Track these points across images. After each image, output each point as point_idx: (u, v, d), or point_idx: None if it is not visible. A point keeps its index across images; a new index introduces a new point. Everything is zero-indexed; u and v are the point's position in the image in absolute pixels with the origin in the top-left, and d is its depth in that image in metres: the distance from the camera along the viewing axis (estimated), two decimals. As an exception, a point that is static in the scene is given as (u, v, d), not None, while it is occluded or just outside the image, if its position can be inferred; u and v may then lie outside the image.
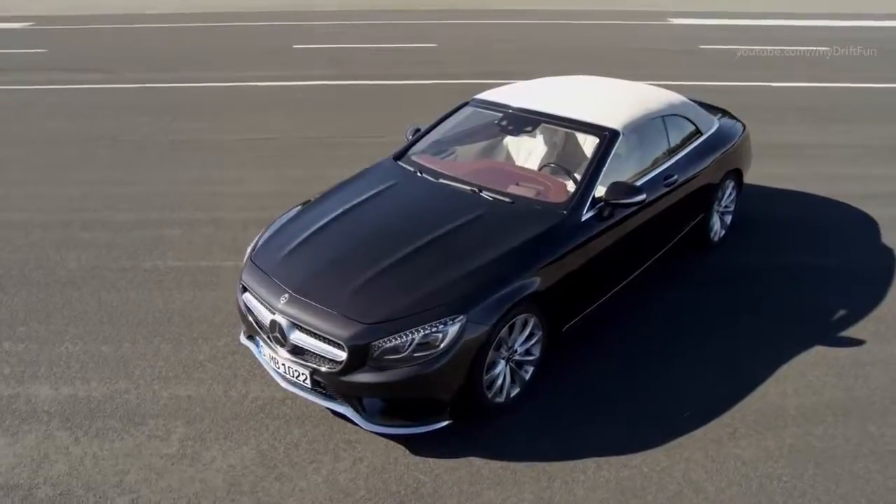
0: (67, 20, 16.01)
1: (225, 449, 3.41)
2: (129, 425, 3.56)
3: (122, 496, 3.13)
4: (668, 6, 18.52)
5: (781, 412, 3.69)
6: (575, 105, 4.52)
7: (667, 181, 4.44)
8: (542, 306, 3.61)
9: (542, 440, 3.47)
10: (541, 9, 18.11)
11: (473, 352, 3.27)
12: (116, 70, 11.31)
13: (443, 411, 3.35)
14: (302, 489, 3.17)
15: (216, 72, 11.31)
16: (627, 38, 14.40)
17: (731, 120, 5.70)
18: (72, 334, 4.32)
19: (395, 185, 4.25)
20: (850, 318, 4.53)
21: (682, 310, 4.61)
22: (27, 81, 10.58)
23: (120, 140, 7.96)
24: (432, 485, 3.20)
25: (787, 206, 6.22)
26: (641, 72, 11.00)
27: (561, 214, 3.81)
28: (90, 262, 5.18)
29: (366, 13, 17.33)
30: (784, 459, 3.37)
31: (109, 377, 3.93)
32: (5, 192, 6.46)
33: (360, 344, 3.18)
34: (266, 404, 3.71)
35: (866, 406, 3.74)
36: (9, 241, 5.51)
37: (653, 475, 3.27)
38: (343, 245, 3.70)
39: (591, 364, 4.05)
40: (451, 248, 3.59)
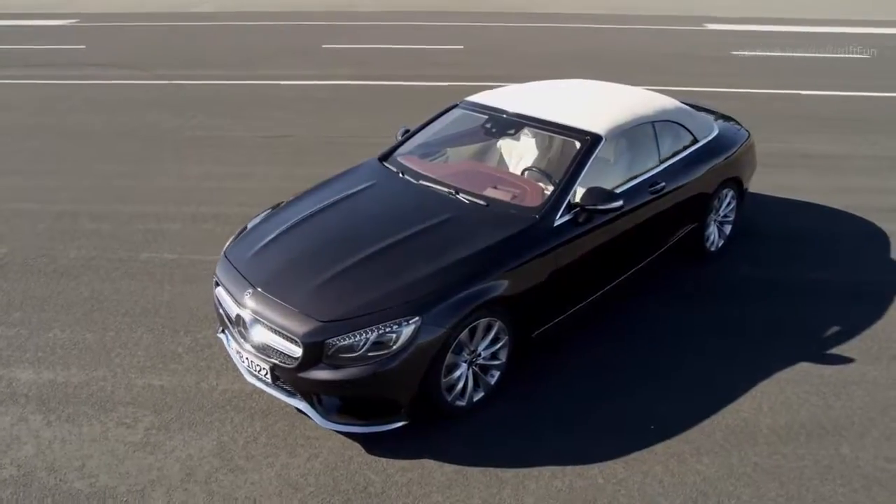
0: (111, 17, 16.52)
1: (187, 439, 3.48)
2: (101, 412, 3.66)
3: (81, 480, 3.22)
4: (705, 11, 18.16)
5: (752, 430, 3.58)
6: (562, 109, 4.47)
7: (652, 188, 4.36)
8: (509, 311, 3.58)
9: (500, 446, 3.45)
10: (575, 12, 17.94)
11: (430, 353, 3.26)
12: (149, 67, 11.63)
13: (398, 412, 3.36)
14: (253, 482, 3.22)
15: (245, 70, 11.52)
16: (659, 42, 14.17)
17: (734, 127, 5.55)
18: (61, 321, 4.46)
19: (374, 185, 4.28)
20: (842, 335, 4.37)
21: (666, 321, 4.51)
22: (63, 76, 10.95)
23: (140, 134, 8.18)
24: (382, 484, 3.21)
25: (795, 218, 6.04)
26: (666, 77, 10.83)
27: (532, 218, 3.78)
28: (90, 252, 5.35)
29: (398, 14, 17.44)
30: (747, 478, 3.28)
31: (89, 364, 4.04)
32: (23, 182, 6.71)
33: (314, 341, 3.21)
34: (234, 397, 3.77)
35: (844, 427, 3.61)
36: (19, 229, 5.72)
37: (607, 487, 3.21)
38: (312, 243, 3.74)
39: (561, 372, 3.99)
40: (416, 250, 3.59)
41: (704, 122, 5.11)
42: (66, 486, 3.18)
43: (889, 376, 4.00)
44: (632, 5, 19.29)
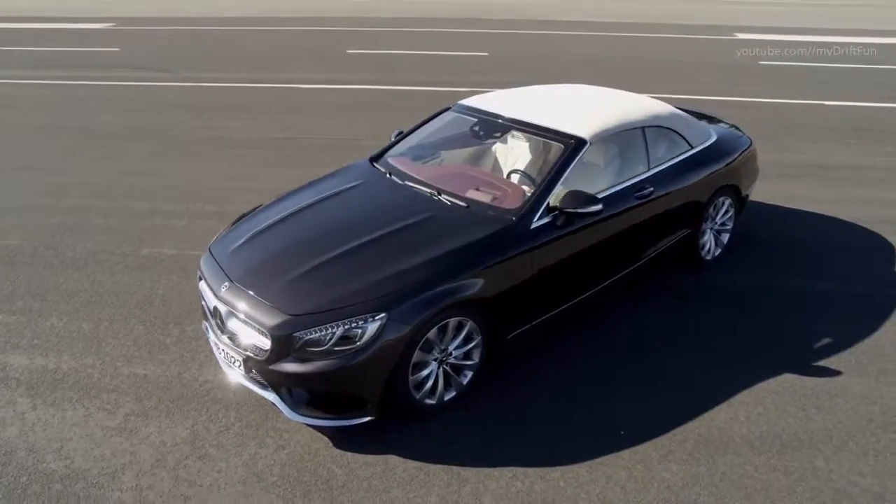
0: (146, 21, 17.01)
1: (162, 426, 3.57)
2: (85, 397, 3.79)
3: (57, 461, 3.34)
4: (737, 20, 17.92)
5: (725, 439, 3.53)
6: (551, 113, 4.48)
7: (639, 193, 4.34)
8: (482, 312, 3.60)
9: (467, 445, 3.46)
10: (604, 21, 17.89)
11: (396, 350, 3.30)
12: (175, 69, 11.94)
13: (365, 407, 3.40)
14: (220, 470, 3.29)
15: (267, 73, 11.76)
16: (687, 51, 14.04)
17: (735, 134, 5.48)
18: (60, 311, 4.62)
19: (360, 185, 4.34)
20: (832, 348, 4.28)
21: (652, 327, 4.48)
22: (93, 77, 11.32)
23: (158, 134, 8.41)
24: (344, 478, 3.26)
25: (800, 228, 5.93)
26: (688, 86, 10.74)
27: (509, 220, 3.79)
28: (96, 246, 5.52)
29: (427, 21, 17.60)
30: (713, 487, 3.24)
31: (81, 352, 4.18)
32: (41, 178, 6.96)
33: (282, 334, 3.27)
34: (213, 388, 3.86)
35: (821, 440, 3.54)
36: (32, 222, 5.93)
37: (567, 490, 3.21)
38: (291, 239, 3.82)
39: (538, 375, 3.99)
40: (390, 248, 3.64)
41: (700, 128, 5.07)
42: (43, 467, 3.30)
43: (875, 390, 3.90)
44: (663, 14, 19.14)
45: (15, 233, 5.74)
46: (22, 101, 10.03)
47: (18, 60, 12.62)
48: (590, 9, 20.24)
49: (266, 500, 3.13)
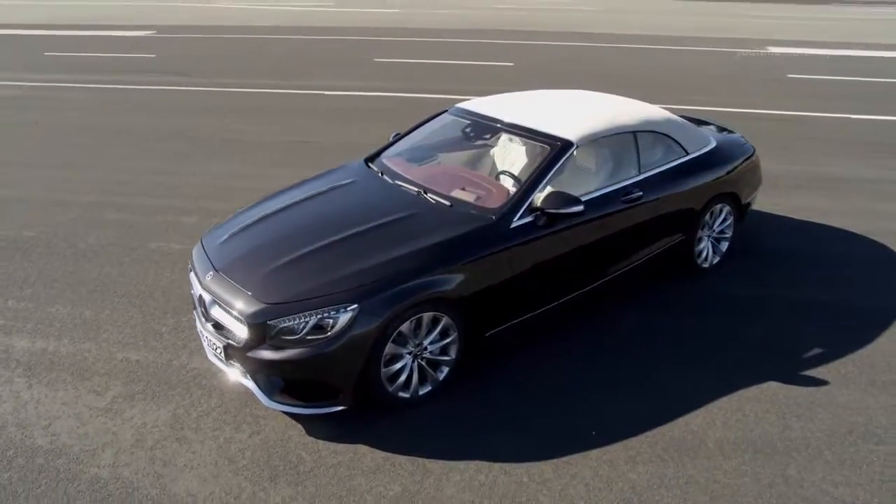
0: (184, 30, 17.55)
1: (146, 409, 3.70)
2: (78, 380, 3.95)
3: (44, 437, 3.49)
4: (771, 34, 17.66)
5: (697, 443, 3.51)
6: (542, 116, 4.53)
7: (627, 197, 4.34)
8: (458, 308, 3.65)
9: (437, 438, 3.51)
10: (635, 33, 17.80)
11: (368, 341, 3.37)
12: (206, 74, 12.30)
13: (337, 396, 3.48)
14: (194, 452, 3.40)
15: (296, 80, 12.03)
16: (714, 63, 13.90)
17: (737, 142, 5.44)
18: (66, 299, 4.81)
19: (351, 183, 4.45)
20: (822, 357, 4.21)
21: (639, 331, 4.47)
22: (128, 81, 11.73)
23: (181, 136, 8.68)
24: (312, 464, 3.33)
25: (804, 239, 5.84)
26: (714, 98, 10.68)
27: (489, 219, 3.85)
28: (107, 239, 5.74)
29: (457, 32, 17.76)
30: (678, 490, 3.22)
31: (80, 337, 4.36)
32: (66, 175, 7.25)
33: (258, 322, 3.38)
34: (199, 375, 3.98)
35: (797, 448, 3.49)
36: (52, 216, 6.19)
37: (530, 486, 3.23)
38: (276, 233, 3.94)
39: (518, 373, 4.02)
40: (370, 242, 3.72)
41: (698, 135, 5.04)
42: (30, 442, 3.45)
43: (860, 401, 3.83)
44: (696, 28, 18.98)
45: (35, 224, 6.00)
46: (59, 102, 10.45)
47: (62, 65, 13.14)
48: (624, 22, 20.16)
49: (234, 482, 3.22)
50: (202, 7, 22.51)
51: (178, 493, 3.16)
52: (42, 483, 3.20)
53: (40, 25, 18.02)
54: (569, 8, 23.25)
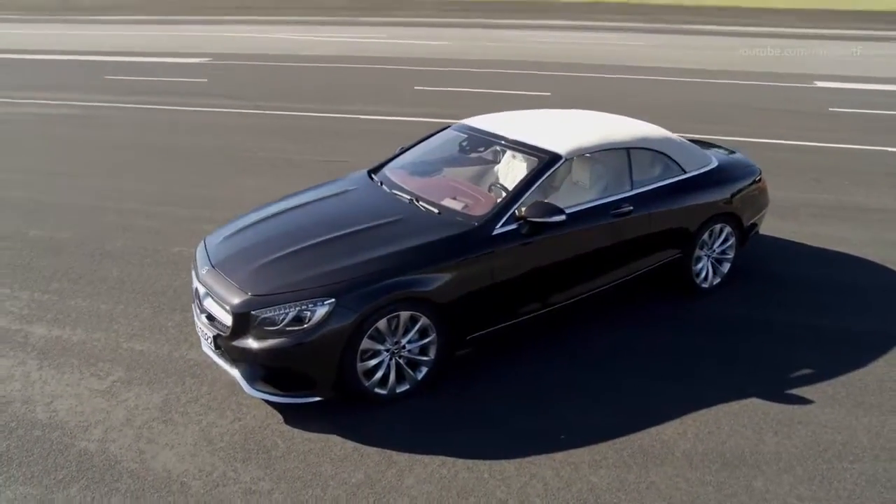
0: (238, 57, 18.41)
1: (140, 393, 3.94)
2: (84, 364, 4.22)
3: (45, 413, 3.75)
4: (818, 69, 17.39)
5: (666, 452, 3.52)
6: (537, 132, 4.66)
7: (617, 211, 4.42)
8: (437, 309, 3.78)
9: (408, 433, 3.62)
10: (682, 67, 17.75)
11: (343, 335, 3.53)
12: (251, 98, 12.89)
13: (313, 387, 3.63)
14: (178, 433, 3.60)
15: (335, 104, 12.48)
16: (757, 97, 13.77)
17: (743, 165, 5.45)
18: (86, 293, 5.15)
19: (349, 191, 4.66)
20: (812, 378, 4.16)
21: (623, 346, 4.49)
22: (177, 103, 12.40)
23: (218, 154, 9.14)
24: (284, 450, 3.49)
25: (815, 265, 5.76)
26: (751, 129, 10.60)
27: (472, 225, 3.98)
28: (134, 242, 6.10)
29: (501, 63, 18.06)
30: (636, 493, 3.24)
31: (93, 328, 4.65)
32: (107, 185, 7.73)
33: (242, 312, 3.58)
34: (195, 366, 4.21)
35: (767, 462, 3.46)
36: (88, 220, 6.62)
37: (490, 482, 3.30)
38: (271, 233, 4.16)
39: (497, 376, 4.11)
40: (355, 243, 3.90)
41: (697, 154, 5.08)
42: (31, 416, 3.72)
43: (843, 421, 3.76)
44: (741, 62, 18.83)
45: (71, 228, 6.42)
46: (111, 121, 11.12)
47: (119, 87, 13.97)
48: (669, 57, 20.16)
49: (209, 462, 3.40)
50: (259, 38, 23.54)
51: (156, 468, 3.35)
52: (35, 452, 3.45)
53: (105, 52, 19.18)
54: (614, 43, 23.39)
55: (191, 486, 3.24)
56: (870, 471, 3.41)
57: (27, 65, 17.01)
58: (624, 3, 41.45)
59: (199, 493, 3.20)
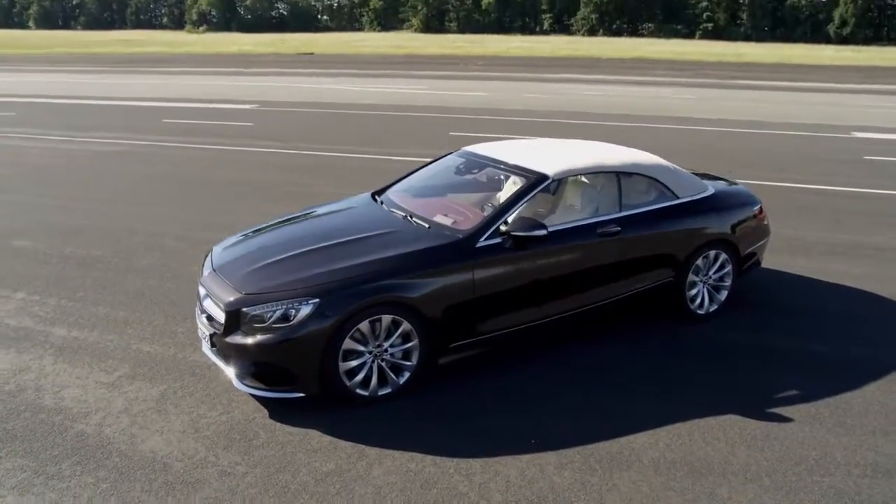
0: (286, 105, 19.31)
1: (141, 387, 4.20)
2: (95, 361, 4.52)
3: (52, 400, 4.04)
4: (859, 121, 17.22)
5: (634, 458, 3.57)
6: (531, 156, 4.88)
7: (603, 231, 4.55)
8: (419, 315, 3.95)
9: (384, 430, 3.77)
10: (726, 118, 17.79)
11: (326, 333, 3.73)
12: (291, 140, 13.52)
13: (296, 382, 3.83)
14: (169, 421, 3.84)
15: (370, 147, 12.97)
16: (793, 145, 13.71)
17: (742, 195, 5.53)
18: (107, 302, 5.50)
19: (350, 208, 4.95)
20: (794, 399, 4.15)
21: (609, 363, 4.57)
22: (221, 143, 13.10)
23: (248, 187, 9.62)
24: (264, 439, 3.67)
25: (820, 297, 5.74)
26: (782, 175, 10.60)
27: (457, 237, 4.18)
28: (159, 260, 6.49)
29: (538, 112, 18.46)
30: (596, 494, 3.29)
31: (108, 331, 4.98)
32: (143, 211, 8.24)
33: (234, 309, 3.83)
34: (195, 366, 4.46)
35: (735, 472, 3.47)
36: (119, 241, 7.07)
37: (454, 476, 3.40)
38: (270, 241, 4.45)
39: (478, 385, 4.24)
40: (345, 251, 4.14)
41: (691, 182, 5.19)
42: (39, 402, 4.02)
43: (820, 438, 3.75)
44: (784, 114, 18.77)
45: (104, 247, 6.87)
46: (160, 157, 11.83)
47: (172, 129, 14.84)
48: (717, 109, 20.24)
49: (193, 447, 3.61)
50: (305, 88, 24.64)
51: (143, 450, 3.58)
52: (37, 431, 3.72)
53: (166, 99, 20.39)
54: (660, 96, 23.61)
55: (172, 466, 3.45)
56: (840, 485, 3.38)
57: (96, 109, 18.21)
58: (673, 60, 41.88)
59: (178, 472, 3.40)
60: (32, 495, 3.23)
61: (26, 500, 3.20)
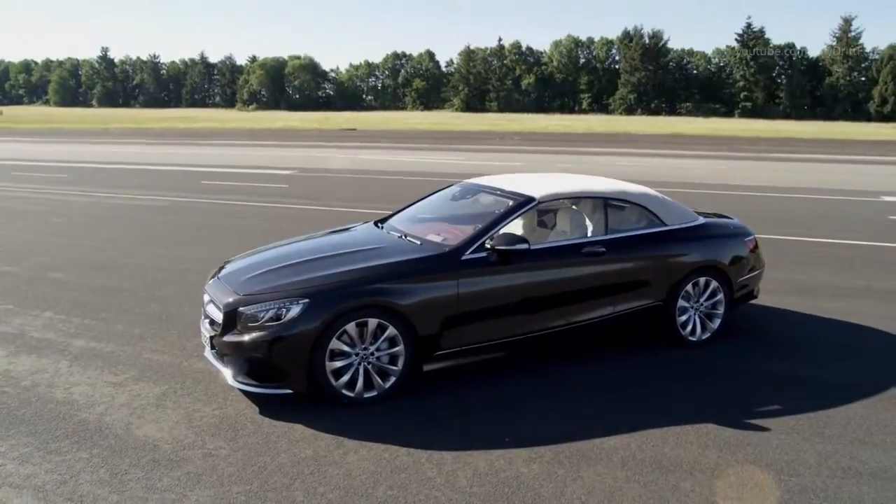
0: (323, 171, 20.19)
1: (144, 387, 4.47)
2: (107, 366, 4.83)
3: (62, 394, 4.34)
4: (889, 187, 17.13)
5: (603, 454, 3.65)
6: (524, 183, 5.17)
7: (588, 250, 4.75)
8: (403, 320, 4.17)
9: (366, 425, 3.94)
10: (749, 185, 17.94)
11: (314, 332, 3.97)
12: (320, 198, 14.13)
13: (284, 378, 4.05)
14: (166, 414, 4.08)
15: (396, 204, 13.45)
16: (819, 207, 13.73)
17: (732, 225, 5.69)
18: (127, 321, 5.86)
19: (351, 229, 5.27)
20: (775, 412, 4.20)
21: (593, 378, 4.67)
22: (253, 200, 13.77)
23: (270, 235, 10.07)
24: (251, 429, 3.88)
25: (817, 329, 5.80)
26: (802, 231, 10.64)
27: (443, 250, 4.44)
28: (181, 291, 6.88)
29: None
30: (561, 484, 3.39)
31: (123, 343, 5.31)
32: (175, 253, 8.74)
33: (231, 309, 4.12)
34: (198, 372, 4.72)
35: (703, 469, 3.52)
36: (148, 276, 7.51)
37: (425, 465, 3.54)
38: (272, 255, 4.78)
39: (466, 387, 4.42)
40: (338, 260, 4.44)
41: (680, 211, 5.38)
42: (50, 395, 4.32)
43: (795, 445, 3.77)
44: (814, 180, 18.80)
45: (132, 279, 7.32)
46: (194, 211, 12.50)
47: (211, 189, 15.67)
48: (747, 177, 20.40)
49: (183, 434, 3.83)
50: (343, 157, 25.69)
51: (137, 435, 3.82)
52: (44, 416, 4.01)
53: (207, 165, 21.53)
54: (689, 166, 23.89)
55: (161, 448, 3.67)
56: (808, 484, 3.40)
57: (140, 172, 19.34)
58: (708, 136, 42.29)
59: (165, 452, 3.62)
60: (31, 464, 3.48)
61: (24, 468, 3.45)
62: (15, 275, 7.44)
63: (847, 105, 79.28)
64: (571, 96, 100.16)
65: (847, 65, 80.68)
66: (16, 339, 5.38)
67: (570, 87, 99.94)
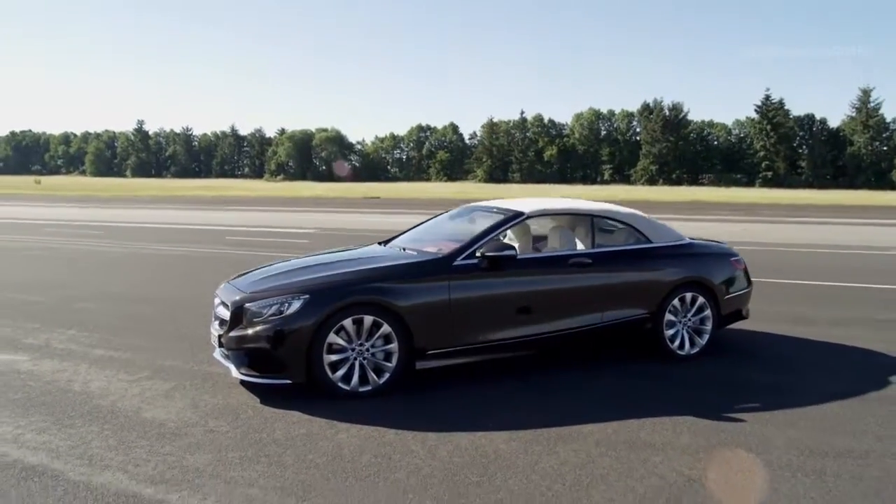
0: (343, 230, 20.81)
1: (156, 383, 4.79)
2: (123, 369, 5.16)
3: (80, 386, 4.70)
4: None
5: (580, 437, 3.85)
6: (517, 202, 5.54)
7: (574, 261, 5.04)
8: (397, 319, 4.47)
9: (360, 411, 4.18)
10: (765, 241, 18.12)
11: (313, 326, 4.29)
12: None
13: (283, 370, 4.34)
14: (173, 402, 4.39)
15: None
16: (827, 259, 13.85)
17: (718, 246, 5.96)
18: (146, 338, 6.22)
19: (358, 247, 5.64)
20: (751, 408, 4.37)
21: (580, 383, 4.88)
22: (279, 252, 14.28)
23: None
24: (250, 413, 4.16)
25: (814, 352, 5.92)
26: (794, 275, 10.77)
27: (436, 256, 4.77)
28: (197, 318, 7.20)
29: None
30: (535, 456, 3.60)
31: (140, 353, 5.65)
32: (199, 290, 9.16)
33: (237, 306, 4.46)
34: (207, 373, 5.03)
35: (675, 447, 3.73)
36: (170, 307, 7.92)
37: (410, 441, 3.77)
38: (281, 268, 5.14)
39: (450, 387, 4.65)
40: (339, 266, 4.82)
41: (665, 231, 5.67)
42: (69, 388, 4.67)
43: (767, 433, 3.95)
44: (827, 238, 18.89)
45: (155, 307, 7.74)
46: (217, 259, 13.02)
47: (232, 242, 16.30)
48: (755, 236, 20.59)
49: (188, 416, 4.12)
50: (365, 220, 26.42)
51: (145, 417, 4.11)
52: (62, 402, 4.34)
53: (232, 225, 22.34)
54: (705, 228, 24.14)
55: (167, 425, 3.96)
56: (774, 460, 3.54)
57: (169, 230, 20.16)
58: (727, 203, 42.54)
59: (170, 428, 3.90)
60: (47, 434, 3.80)
61: (41, 437, 3.76)
62: (42, 303, 7.90)
63: (870, 174, 79.19)
64: (593, 167, 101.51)
65: (868, 134, 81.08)
66: (41, 348, 5.76)
67: (592, 159, 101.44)
